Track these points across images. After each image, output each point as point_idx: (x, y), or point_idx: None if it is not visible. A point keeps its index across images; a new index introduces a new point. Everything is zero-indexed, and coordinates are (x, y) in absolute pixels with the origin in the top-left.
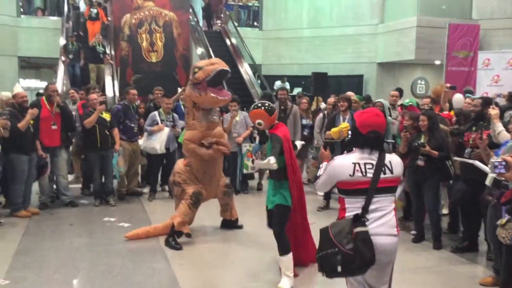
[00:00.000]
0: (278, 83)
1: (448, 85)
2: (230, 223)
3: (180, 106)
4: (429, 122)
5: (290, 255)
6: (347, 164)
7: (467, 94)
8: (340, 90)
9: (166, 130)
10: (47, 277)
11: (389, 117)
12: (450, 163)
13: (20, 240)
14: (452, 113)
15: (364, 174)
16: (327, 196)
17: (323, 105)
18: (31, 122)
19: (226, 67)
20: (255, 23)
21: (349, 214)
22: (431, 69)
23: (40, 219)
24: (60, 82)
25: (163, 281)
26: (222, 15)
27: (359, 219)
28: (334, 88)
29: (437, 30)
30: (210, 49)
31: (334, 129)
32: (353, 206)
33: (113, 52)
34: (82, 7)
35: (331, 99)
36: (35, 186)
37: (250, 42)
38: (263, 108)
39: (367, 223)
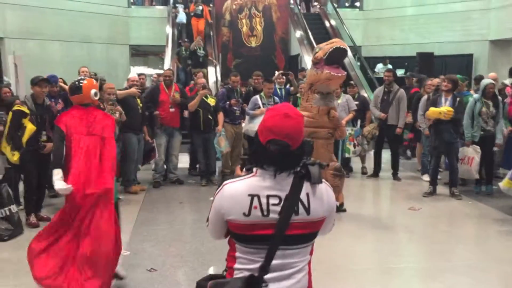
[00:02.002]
0: (379, 66)
1: None
2: None
3: (276, 89)
4: None
5: None
6: (240, 195)
7: None
8: (446, 71)
9: None
10: (163, 249)
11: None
12: None
13: (137, 215)
14: None
15: (265, 213)
16: (433, 180)
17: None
18: (140, 104)
19: (343, 46)
20: (355, 4)
21: (240, 266)
22: None
23: (153, 196)
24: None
25: None
26: None
27: (256, 282)
28: (440, 69)
29: None
30: (309, 32)
31: (433, 109)
32: (247, 258)
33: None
34: (180, 17)
35: (435, 81)
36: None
37: (349, 23)
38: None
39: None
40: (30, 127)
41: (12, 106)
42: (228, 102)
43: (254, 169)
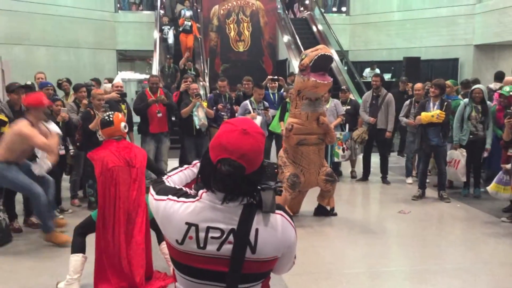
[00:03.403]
0: (367, 70)
1: None
2: (324, 211)
3: (269, 94)
4: None
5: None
6: (177, 221)
7: None
8: (432, 75)
9: (259, 119)
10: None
11: (489, 102)
12: None
13: None
14: None
15: (201, 245)
16: (422, 184)
17: None
18: (125, 111)
19: (329, 53)
20: (342, 9)
21: None
22: None
23: None
24: (155, 74)
25: None
26: (307, 1)
27: None
28: (427, 73)
29: None
30: (296, 36)
31: (425, 113)
32: None
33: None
34: (171, 39)
35: (418, 85)
36: None
37: (337, 28)
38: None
39: None
40: None
41: None
42: (215, 107)
43: (200, 192)
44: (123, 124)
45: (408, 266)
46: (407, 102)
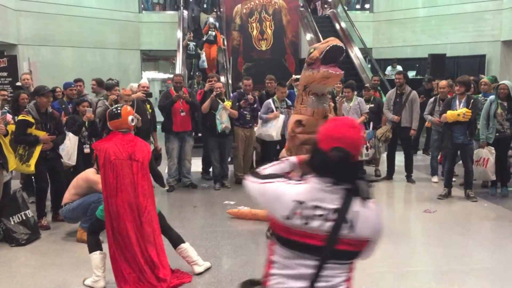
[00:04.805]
0: (389, 69)
1: None
2: None
3: (294, 93)
4: None
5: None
6: (285, 199)
7: None
8: (459, 72)
9: (282, 117)
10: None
11: None
12: None
13: None
14: None
15: (306, 222)
16: (448, 183)
17: None
18: (150, 111)
19: (340, 44)
20: (366, 6)
21: (276, 272)
22: None
23: (167, 201)
24: (179, 73)
25: None
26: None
27: None
28: (452, 70)
29: None
30: (319, 34)
31: (451, 112)
32: (284, 263)
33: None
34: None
35: (443, 82)
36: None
37: (360, 25)
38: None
39: None
40: (41, 135)
41: None
42: (237, 104)
43: (308, 176)
44: (130, 117)
45: (434, 266)
46: (431, 99)
